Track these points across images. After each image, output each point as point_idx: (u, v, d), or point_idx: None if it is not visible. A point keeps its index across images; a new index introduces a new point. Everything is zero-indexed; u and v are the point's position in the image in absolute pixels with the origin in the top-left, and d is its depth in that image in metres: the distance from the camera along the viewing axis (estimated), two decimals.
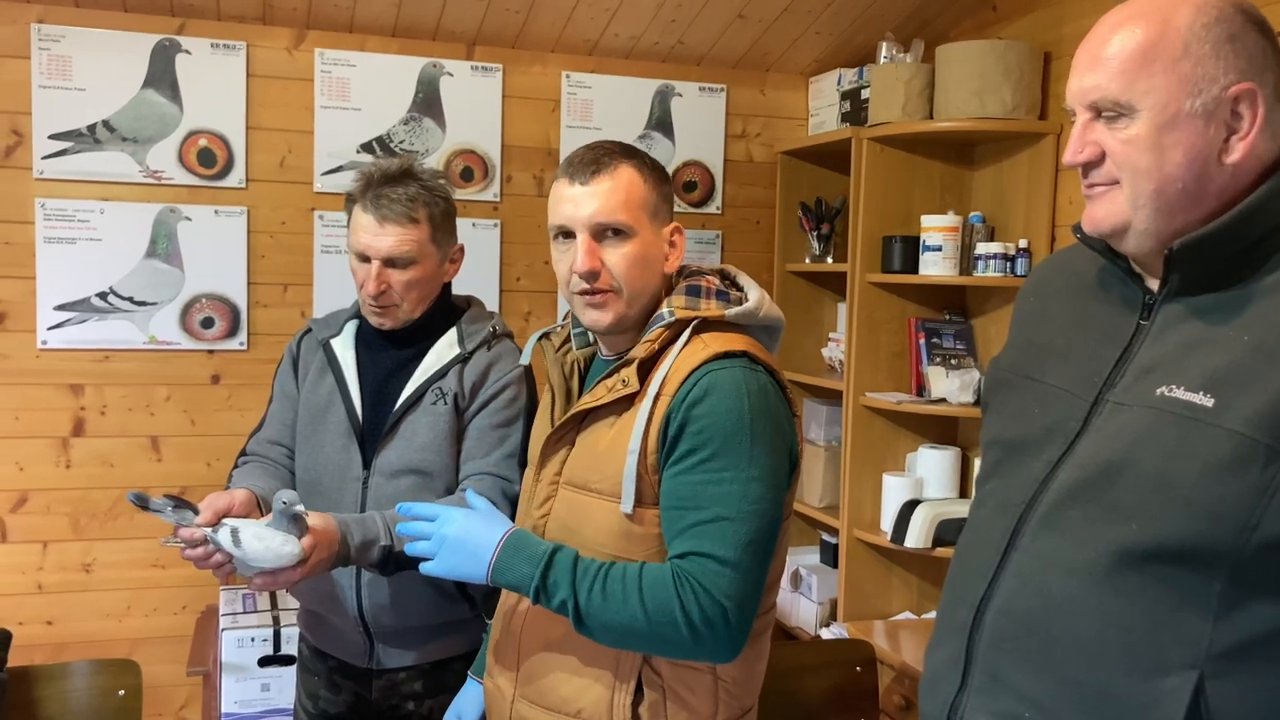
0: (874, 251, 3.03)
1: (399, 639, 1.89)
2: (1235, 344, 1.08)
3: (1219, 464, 1.04)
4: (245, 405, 3.12)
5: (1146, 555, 1.07)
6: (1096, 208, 1.15)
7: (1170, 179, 1.10)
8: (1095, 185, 1.15)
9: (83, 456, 3.03)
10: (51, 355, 2.99)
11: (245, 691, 2.69)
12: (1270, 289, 1.09)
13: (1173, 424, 1.08)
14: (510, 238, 3.33)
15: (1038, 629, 1.14)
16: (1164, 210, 1.11)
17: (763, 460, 1.35)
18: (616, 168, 1.44)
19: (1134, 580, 1.08)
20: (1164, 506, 1.06)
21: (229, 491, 1.72)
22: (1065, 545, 1.13)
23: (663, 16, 3.16)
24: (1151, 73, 1.08)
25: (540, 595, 1.36)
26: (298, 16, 3.07)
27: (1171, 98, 1.08)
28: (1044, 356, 1.26)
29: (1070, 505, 1.13)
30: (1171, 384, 1.09)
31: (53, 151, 2.95)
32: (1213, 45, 1.08)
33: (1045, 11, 2.93)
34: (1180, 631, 1.06)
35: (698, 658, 1.38)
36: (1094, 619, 1.10)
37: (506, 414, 1.88)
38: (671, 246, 1.49)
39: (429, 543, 1.43)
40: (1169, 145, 1.09)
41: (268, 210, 3.13)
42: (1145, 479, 1.07)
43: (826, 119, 3.44)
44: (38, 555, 3.02)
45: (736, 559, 1.32)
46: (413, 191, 1.83)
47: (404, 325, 1.90)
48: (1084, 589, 1.10)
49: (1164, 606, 1.07)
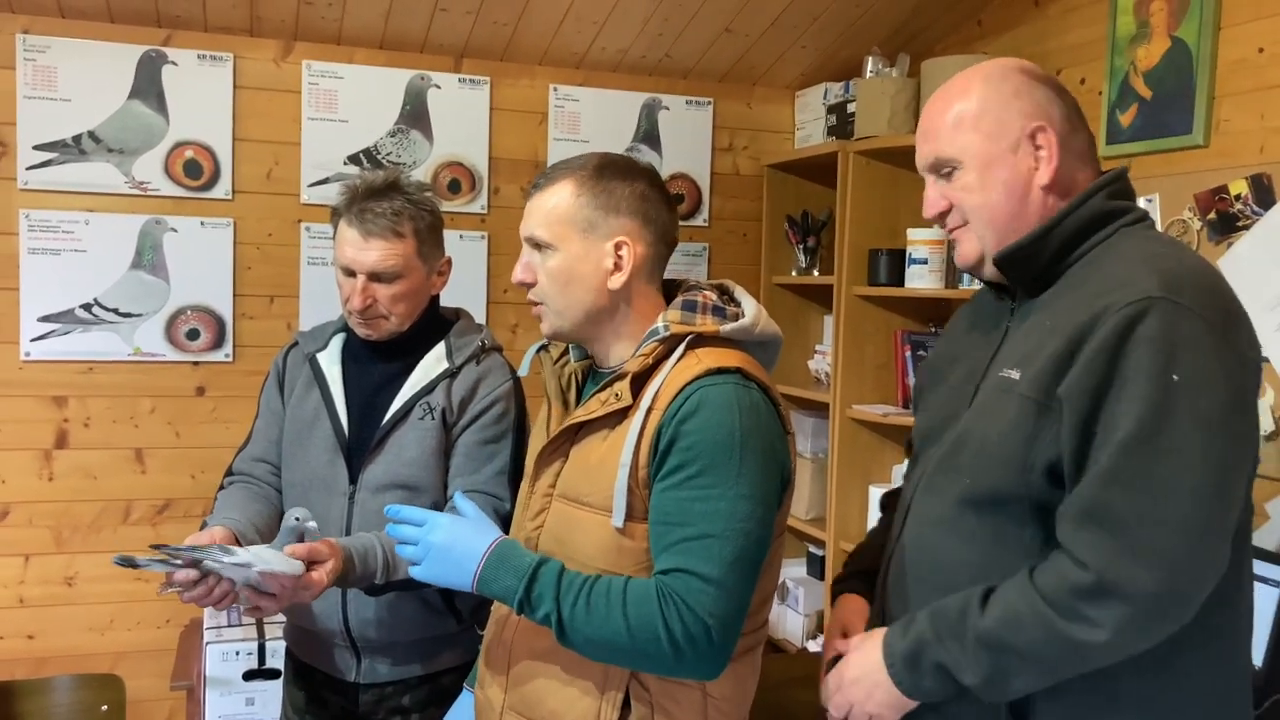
0: (860, 264, 3.04)
1: (386, 653, 1.89)
2: (1040, 328, 1.34)
3: (1011, 421, 1.30)
4: (230, 417, 3.11)
5: (973, 502, 1.34)
6: (958, 248, 1.43)
7: (998, 208, 1.38)
8: (953, 230, 1.42)
9: (66, 469, 3.01)
10: (35, 367, 2.97)
11: (230, 706, 2.67)
12: (1065, 285, 1.35)
13: (995, 396, 1.35)
14: (497, 250, 3.33)
15: (915, 575, 1.42)
16: (1000, 235, 1.38)
17: (752, 478, 1.34)
18: (554, 182, 1.47)
19: (971, 524, 1.34)
20: (982, 462, 1.33)
21: (207, 530, 1.72)
22: (932, 502, 1.41)
23: (650, 30, 3.17)
24: (964, 131, 1.38)
25: (524, 607, 1.36)
26: (285, 28, 3.06)
27: (981, 147, 1.37)
28: (949, 362, 1.53)
29: (937, 472, 1.41)
30: (1005, 366, 1.36)
31: (37, 162, 2.94)
32: (1002, 101, 1.37)
33: (1029, 27, 2.95)
34: (1009, 555, 1.30)
35: (680, 674, 1.37)
36: (948, 557, 1.37)
37: (495, 430, 1.87)
38: (617, 260, 1.45)
39: (416, 548, 1.42)
40: (991, 183, 1.37)
41: (254, 222, 3.12)
42: (974, 442, 1.35)
43: (813, 132, 3.45)
44: (19, 568, 2.99)
45: (721, 577, 1.31)
46: (398, 205, 1.83)
47: (391, 337, 1.89)
48: (939, 535, 1.38)
49: (992, 546, 1.32)
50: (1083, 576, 1.20)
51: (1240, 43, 2.34)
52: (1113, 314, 1.23)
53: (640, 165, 1.51)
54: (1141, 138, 2.54)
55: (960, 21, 3.20)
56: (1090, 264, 1.34)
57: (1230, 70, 2.36)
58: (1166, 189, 2.46)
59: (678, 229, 1.54)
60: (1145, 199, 2.48)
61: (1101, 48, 2.67)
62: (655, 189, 1.49)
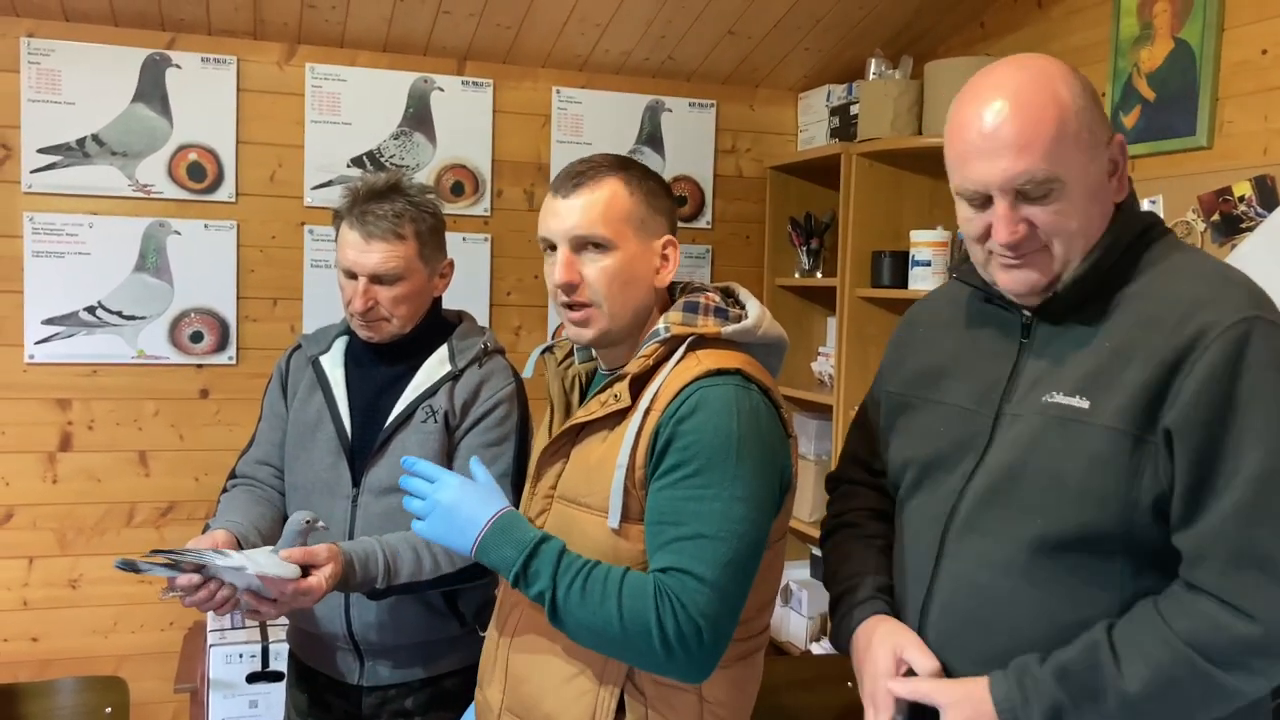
0: (863, 266, 3.04)
1: (388, 656, 1.89)
2: (1100, 351, 1.23)
3: (1098, 457, 1.19)
4: (234, 420, 3.11)
5: (1054, 545, 1.22)
6: (1027, 272, 1.26)
7: (1091, 231, 1.25)
8: (1022, 255, 1.25)
9: (70, 471, 3.01)
10: (39, 369, 2.98)
11: (233, 708, 2.68)
12: (1121, 303, 1.25)
13: (1058, 427, 1.23)
14: (501, 252, 3.33)
15: (976, 622, 1.27)
16: (1079, 259, 1.25)
17: (748, 481, 1.33)
18: (600, 180, 1.42)
19: (1048, 568, 1.22)
20: (1060, 501, 1.21)
21: (209, 534, 1.72)
22: (986, 546, 1.27)
23: (653, 32, 3.18)
24: (1067, 145, 1.20)
25: (520, 581, 1.35)
26: (289, 31, 3.07)
27: (1084, 164, 1.22)
28: (939, 379, 1.40)
29: (985, 509, 1.28)
30: (1053, 391, 1.25)
31: (42, 165, 2.95)
32: (1091, 110, 1.23)
33: (1032, 29, 2.95)
34: (1094, 606, 1.21)
35: (666, 673, 1.35)
36: (1022, 605, 1.24)
37: (498, 432, 1.87)
38: (664, 260, 1.47)
39: (423, 503, 1.42)
40: (1092, 205, 1.24)
41: (257, 224, 3.13)
42: (1041, 478, 1.23)
43: (816, 134, 3.45)
44: (23, 571, 2.99)
45: (714, 578, 1.30)
46: (399, 207, 1.83)
47: (394, 339, 1.89)
48: (1008, 581, 1.25)
49: (1077, 587, 1.22)
50: (1251, 629, 1.12)
51: (1244, 44, 2.34)
52: (1214, 338, 1.15)
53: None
54: (1145, 139, 2.54)
55: (963, 23, 3.19)
56: (1143, 279, 1.25)
57: (1234, 72, 2.36)
58: (1170, 191, 2.46)
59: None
60: (1149, 200, 2.48)
61: (1105, 49, 2.66)
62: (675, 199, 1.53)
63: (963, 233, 1.32)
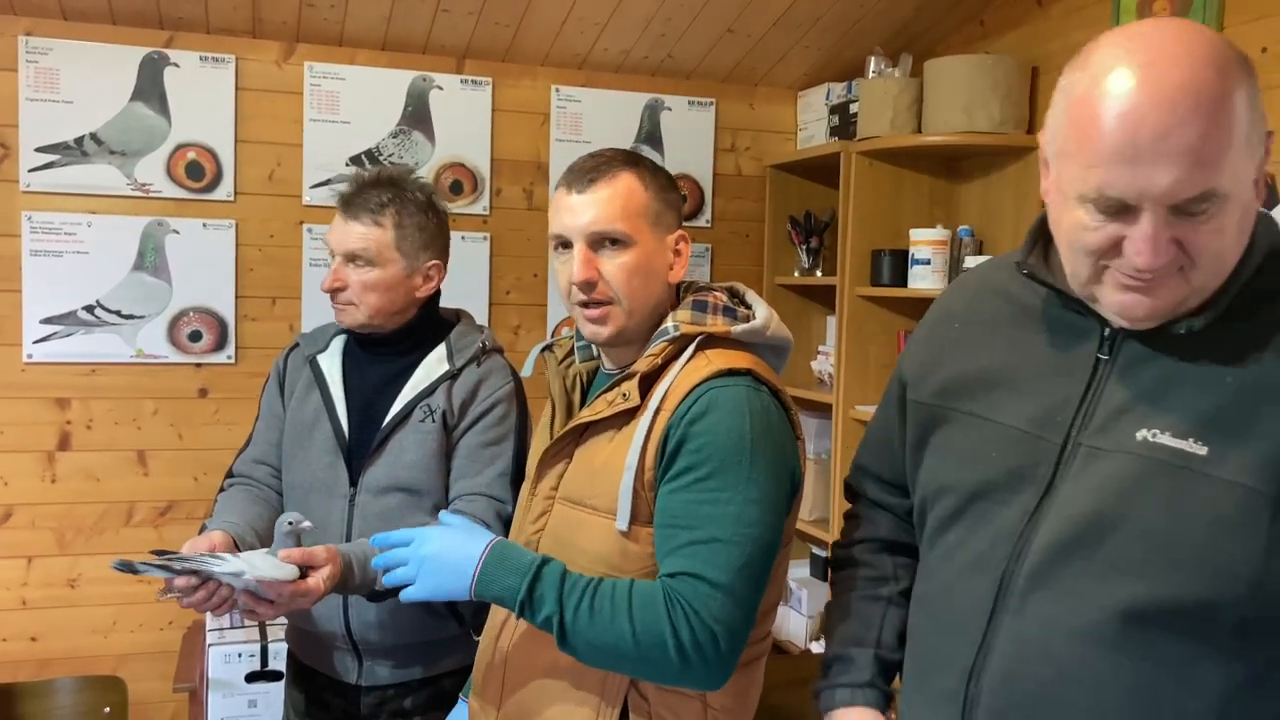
0: (863, 265, 3.04)
1: (387, 656, 1.88)
2: (1219, 385, 1.01)
3: (1225, 519, 0.98)
4: (233, 419, 3.11)
5: (1157, 613, 1.01)
6: (1152, 299, 1.02)
7: (1238, 250, 1.03)
8: (1157, 278, 1.00)
9: (69, 471, 3.01)
10: (37, 369, 2.97)
11: (232, 708, 2.67)
12: (1250, 330, 1.03)
13: (1164, 474, 1.01)
14: (500, 251, 3.33)
15: (1050, 698, 1.06)
16: (1218, 282, 1.03)
17: (762, 482, 1.31)
18: (615, 175, 1.40)
19: (1143, 638, 1.02)
20: (1174, 564, 1.00)
21: (205, 536, 1.71)
22: (1064, 607, 1.05)
23: (652, 31, 3.17)
24: (1239, 156, 0.96)
25: (525, 609, 1.31)
26: (287, 30, 3.06)
27: (1246, 175, 0.98)
28: (985, 391, 1.17)
29: (1062, 563, 1.06)
30: (1154, 428, 1.03)
31: (40, 164, 2.94)
32: (1254, 106, 0.97)
33: (1032, 27, 2.95)
34: (1198, 682, 1.02)
35: (683, 683, 1.33)
36: (1109, 683, 1.03)
37: (497, 431, 1.87)
38: (676, 255, 1.46)
39: (407, 568, 1.36)
40: (1245, 219, 1.01)
41: (256, 223, 3.12)
42: (1145, 534, 1.01)
43: (815, 133, 3.45)
44: (22, 570, 2.99)
45: (729, 583, 1.28)
46: (386, 197, 1.85)
47: (373, 333, 1.89)
48: (1095, 653, 1.03)
49: (1178, 660, 1.02)
50: None
51: (1243, 42, 2.32)
52: None
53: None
54: None
55: (963, 22, 3.19)
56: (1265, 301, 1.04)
57: None
58: None
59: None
60: None
61: None
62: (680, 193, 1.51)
63: (1072, 241, 1.04)
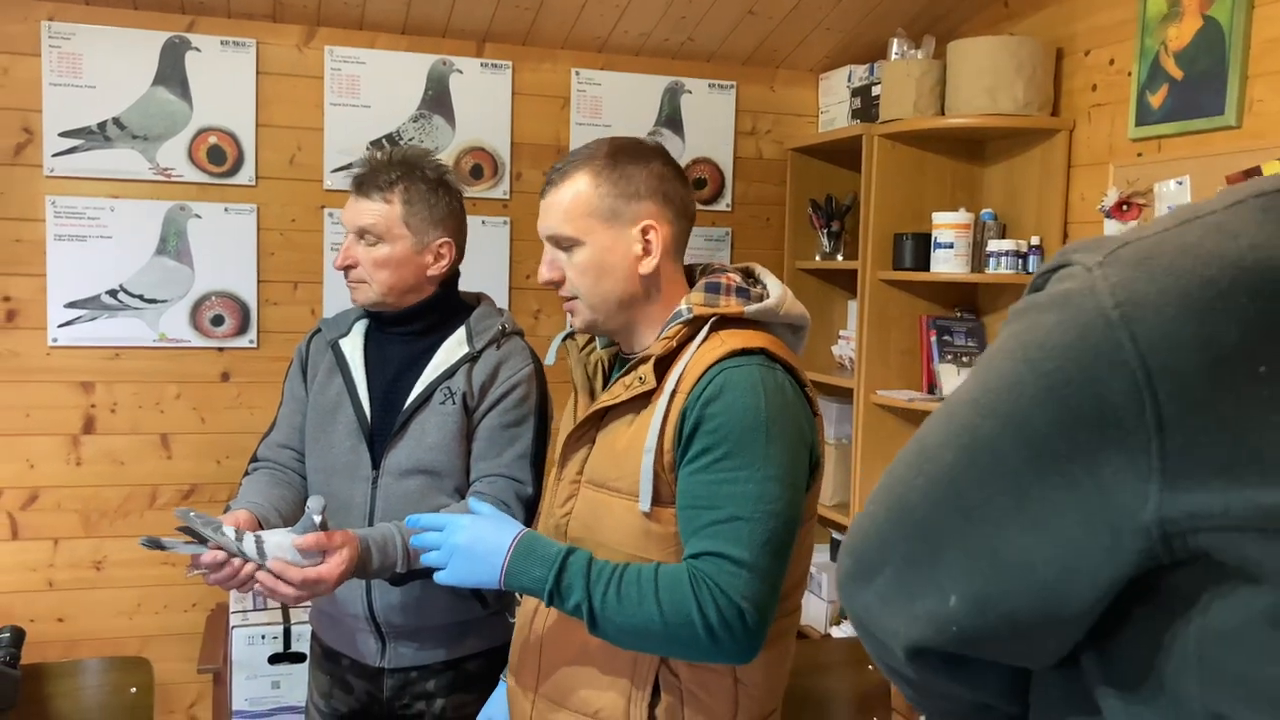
0: (885, 249, 3.02)
1: (411, 638, 1.89)
2: None
3: None
4: (255, 403, 3.12)
5: None
6: None
7: None
8: None
9: (93, 454, 3.04)
10: (62, 353, 3.00)
11: (256, 689, 2.70)
12: None
13: None
14: (520, 235, 3.32)
15: None
16: None
17: (779, 459, 1.33)
18: (566, 178, 1.46)
19: None
20: None
21: (231, 514, 1.73)
22: None
23: (673, 13, 3.15)
24: None
25: (554, 598, 1.35)
26: (308, 14, 3.06)
27: None
28: None
29: None
30: None
31: (63, 149, 2.96)
32: None
33: (1057, 7, 2.91)
34: None
35: (715, 659, 1.36)
36: None
37: (517, 413, 1.87)
38: (645, 243, 1.45)
39: (439, 553, 1.42)
40: None
41: (277, 207, 3.13)
42: None
43: (837, 116, 3.42)
44: (49, 552, 3.02)
45: (753, 560, 1.30)
46: (396, 175, 1.85)
47: (380, 310, 1.90)
48: None
49: None
50: None
51: (1274, 21, 2.30)
52: None
53: (650, 144, 1.51)
54: (1172, 119, 2.50)
55: (986, 2, 3.15)
56: None
57: (1264, 50, 2.31)
58: (1197, 171, 2.42)
59: (694, 203, 1.53)
60: (1176, 181, 2.45)
61: (1131, 28, 2.62)
62: (669, 166, 1.49)
63: None
